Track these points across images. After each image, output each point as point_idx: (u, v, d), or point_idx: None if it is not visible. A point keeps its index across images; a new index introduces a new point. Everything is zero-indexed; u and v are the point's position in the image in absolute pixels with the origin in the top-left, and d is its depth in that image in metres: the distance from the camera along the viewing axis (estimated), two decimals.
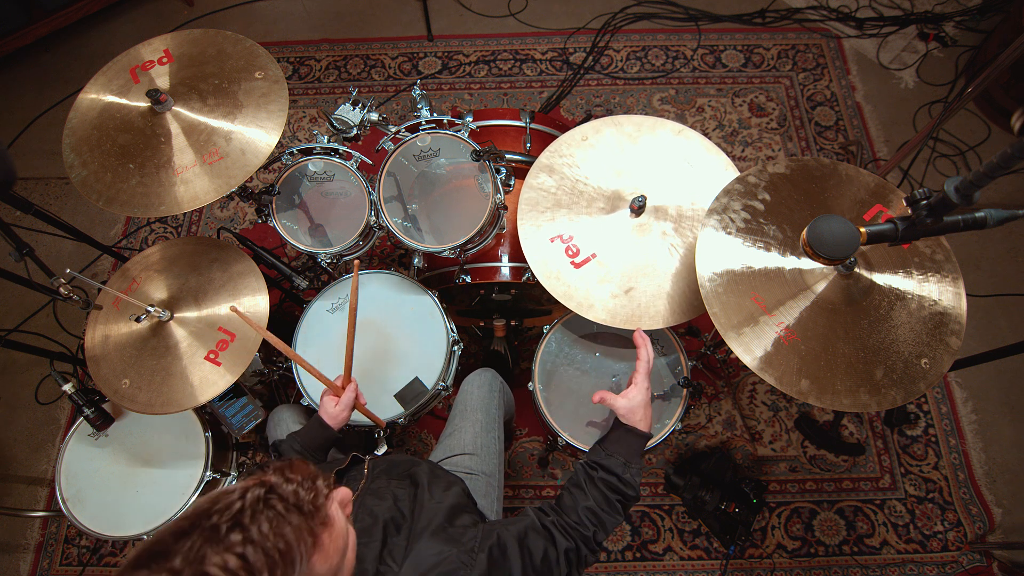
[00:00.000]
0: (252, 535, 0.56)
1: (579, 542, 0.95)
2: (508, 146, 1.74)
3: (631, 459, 1.04)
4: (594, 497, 0.99)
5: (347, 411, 1.26)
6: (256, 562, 0.55)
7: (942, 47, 2.76)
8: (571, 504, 1.00)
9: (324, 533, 0.62)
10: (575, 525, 0.97)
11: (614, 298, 1.33)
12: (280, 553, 0.57)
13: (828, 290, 1.15)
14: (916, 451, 2.08)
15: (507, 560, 0.85)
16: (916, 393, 1.11)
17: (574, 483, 1.04)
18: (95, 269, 2.48)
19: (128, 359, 1.39)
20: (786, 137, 2.60)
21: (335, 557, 0.63)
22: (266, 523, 0.57)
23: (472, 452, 1.37)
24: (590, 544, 0.97)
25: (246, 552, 0.55)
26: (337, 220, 1.65)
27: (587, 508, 0.98)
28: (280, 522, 0.58)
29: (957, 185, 0.88)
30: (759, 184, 1.25)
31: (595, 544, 0.97)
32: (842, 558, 1.95)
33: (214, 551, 0.54)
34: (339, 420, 1.25)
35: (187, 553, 0.54)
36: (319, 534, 0.61)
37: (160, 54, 1.44)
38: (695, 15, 2.88)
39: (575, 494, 1.01)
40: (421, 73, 2.80)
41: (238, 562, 0.54)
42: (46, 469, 2.16)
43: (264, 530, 0.57)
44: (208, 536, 0.55)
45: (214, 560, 0.54)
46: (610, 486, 1.01)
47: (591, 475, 1.03)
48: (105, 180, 1.33)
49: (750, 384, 2.18)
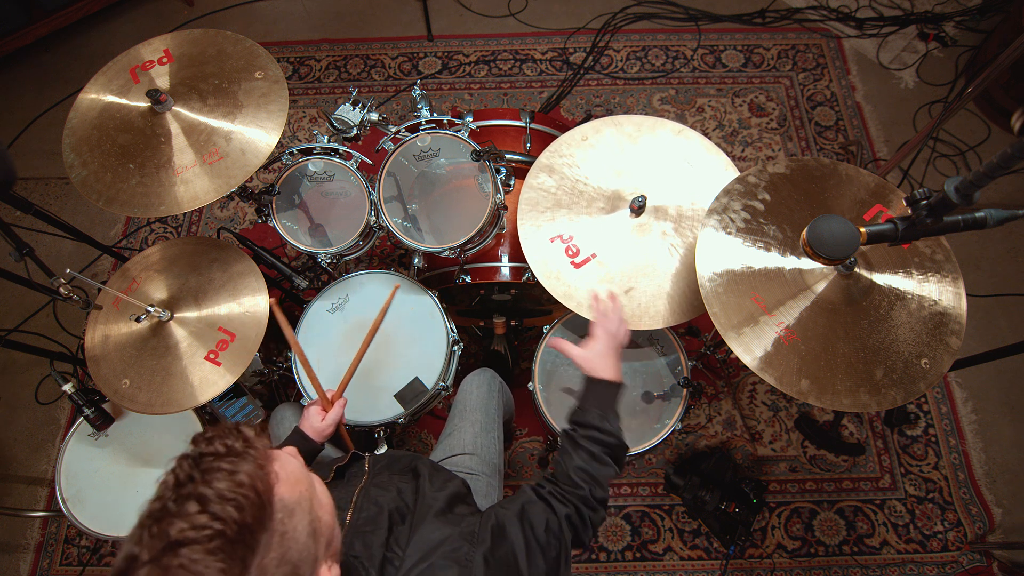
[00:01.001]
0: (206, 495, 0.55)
1: (578, 504, 0.95)
2: (508, 146, 1.74)
3: (606, 409, 1.04)
4: (581, 456, 0.99)
5: (333, 427, 1.24)
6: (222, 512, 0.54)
7: (942, 47, 2.76)
8: (562, 470, 1.00)
9: (274, 465, 0.62)
10: (571, 488, 0.97)
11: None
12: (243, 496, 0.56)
13: (828, 290, 1.15)
14: (916, 451, 2.08)
15: (508, 537, 0.85)
16: (916, 393, 1.11)
17: (561, 450, 1.04)
18: (95, 269, 2.48)
19: (128, 359, 1.39)
20: (786, 137, 2.60)
21: (300, 484, 0.64)
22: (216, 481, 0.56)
23: (472, 452, 1.37)
24: (589, 503, 0.96)
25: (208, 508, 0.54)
26: (337, 220, 1.65)
27: (577, 467, 0.98)
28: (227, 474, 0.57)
29: (957, 185, 0.88)
30: (759, 184, 1.25)
31: (595, 502, 0.97)
32: (842, 558, 1.95)
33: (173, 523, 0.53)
34: (324, 435, 1.23)
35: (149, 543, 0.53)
36: (269, 467, 0.61)
37: (160, 54, 1.44)
38: (695, 15, 2.88)
39: (563, 459, 1.01)
40: (421, 73, 2.80)
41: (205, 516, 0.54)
42: (46, 469, 2.16)
43: (217, 486, 0.56)
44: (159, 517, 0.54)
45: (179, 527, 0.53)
46: (592, 439, 1.01)
47: (572, 436, 1.03)
48: (105, 180, 1.33)
49: (750, 384, 2.18)
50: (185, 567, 0.51)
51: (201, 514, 0.54)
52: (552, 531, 0.90)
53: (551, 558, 0.87)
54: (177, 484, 0.57)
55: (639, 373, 1.63)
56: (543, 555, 0.86)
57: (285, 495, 0.61)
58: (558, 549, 0.89)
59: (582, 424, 1.03)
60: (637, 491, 2.04)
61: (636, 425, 1.57)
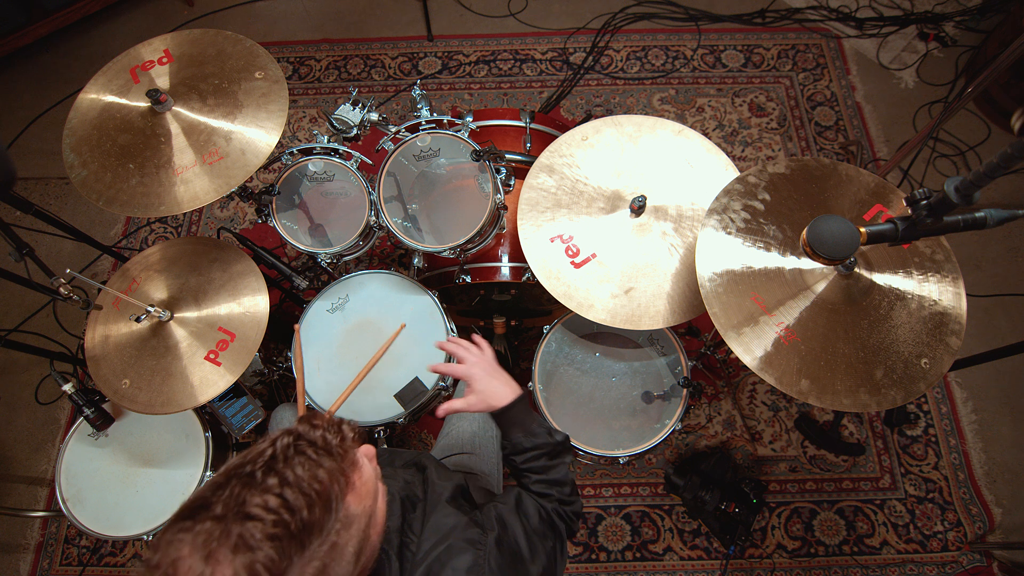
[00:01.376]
0: (288, 478, 0.58)
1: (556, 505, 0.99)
2: (508, 146, 1.74)
3: (525, 426, 1.02)
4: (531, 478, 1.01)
5: None
6: (295, 501, 0.57)
7: (942, 47, 2.76)
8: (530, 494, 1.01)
9: (355, 474, 0.65)
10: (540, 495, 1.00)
11: (614, 298, 1.33)
12: (316, 493, 0.59)
13: (828, 290, 1.15)
14: (916, 451, 2.08)
15: (510, 527, 0.89)
16: (916, 393, 1.11)
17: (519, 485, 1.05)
18: (95, 269, 2.48)
19: (128, 359, 1.39)
20: (786, 137, 2.60)
21: (367, 499, 0.66)
22: (300, 467, 0.60)
23: (471, 451, 1.37)
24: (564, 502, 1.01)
25: (284, 493, 0.57)
26: (337, 220, 1.64)
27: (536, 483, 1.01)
28: (313, 465, 0.60)
29: (957, 185, 0.88)
30: (759, 184, 1.25)
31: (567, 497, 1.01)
32: (842, 558, 1.95)
33: (253, 494, 0.57)
34: None
35: (227, 500, 0.57)
36: (350, 475, 0.64)
37: (160, 54, 1.44)
38: (695, 15, 2.88)
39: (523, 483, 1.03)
40: (421, 73, 2.80)
41: (278, 501, 0.57)
42: (46, 469, 2.16)
43: (299, 473, 0.59)
44: (245, 482, 0.58)
45: (255, 502, 0.56)
46: (531, 459, 1.02)
47: (516, 467, 1.03)
48: (105, 180, 1.33)
49: (750, 384, 2.18)
50: (243, 538, 0.54)
51: (276, 497, 0.57)
52: (545, 521, 0.93)
53: (548, 548, 0.91)
54: (272, 458, 0.60)
55: (639, 373, 1.63)
56: (541, 544, 0.90)
57: (351, 505, 0.63)
58: (553, 540, 0.93)
59: (516, 452, 1.02)
60: (637, 491, 2.04)
61: (636, 425, 1.57)
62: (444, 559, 0.80)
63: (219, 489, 0.58)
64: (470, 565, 0.79)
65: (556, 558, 0.92)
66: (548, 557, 0.90)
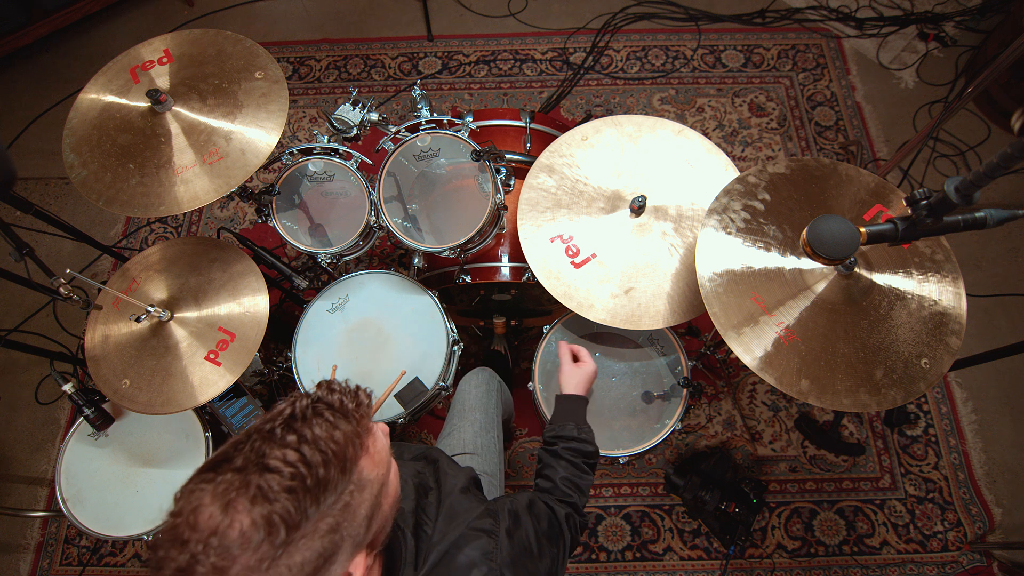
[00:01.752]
0: (306, 435, 0.60)
1: (571, 509, 1.02)
2: (508, 146, 1.74)
3: (579, 422, 1.15)
4: (564, 467, 1.08)
5: None
6: (312, 457, 0.59)
7: (942, 47, 2.76)
8: (549, 484, 1.07)
9: (369, 439, 0.66)
10: (561, 497, 1.04)
11: (614, 298, 1.33)
12: (333, 452, 0.60)
13: (828, 290, 1.15)
14: (916, 451, 2.08)
15: (522, 523, 0.91)
16: (916, 393, 1.11)
17: (544, 465, 1.12)
18: (95, 269, 2.48)
19: (128, 359, 1.39)
20: (786, 137, 2.60)
21: (380, 467, 0.67)
22: (318, 427, 0.61)
23: (472, 452, 1.37)
24: (579, 510, 1.05)
25: (302, 448, 0.59)
26: (337, 220, 1.64)
27: (563, 479, 1.06)
28: (330, 426, 0.62)
29: (957, 185, 0.88)
30: (759, 184, 1.25)
31: (582, 508, 1.06)
32: (842, 558, 1.95)
33: (273, 448, 0.59)
34: None
35: (247, 453, 0.59)
36: (365, 440, 0.66)
37: (160, 54, 1.44)
38: (695, 15, 2.88)
39: (548, 473, 1.09)
40: (421, 73, 2.80)
41: (297, 455, 0.58)
42: (46, 469, 2.16)
43: (317, 432, 0.61)
44: (265, 437, 0.60)
45: (274, 455, 0.58)
46: (572, 451, 1.10)
47: (554, 450, 1.11)
48: (105, 180, 1.33)
49: (750, 384, 2.18)
50: (262, 489, 0.56)
51: (295, 451, 0.59)
52: (554, 526, 0.96)
53: (553, 553, 0.92)
54: (291, 416, 0.62)
55: (639, 373, 1.63)
56: (548, 547, 0.92)
57: (365, 469, 0.64)
58: (559, 545, 0.95)
59: (561, 437, 1.12)
60: (637, 491, 2.04)
61: (636, 425, 1.57)
62: (460, 543, 0.82)
63: (240, 445, 0.60)
64: (485, 551, 0.82)
65: (558, 565, 0.94)
66: (552, 561, 0.92)
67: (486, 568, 0.80)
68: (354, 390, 0.68)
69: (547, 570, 0.90)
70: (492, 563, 0.81)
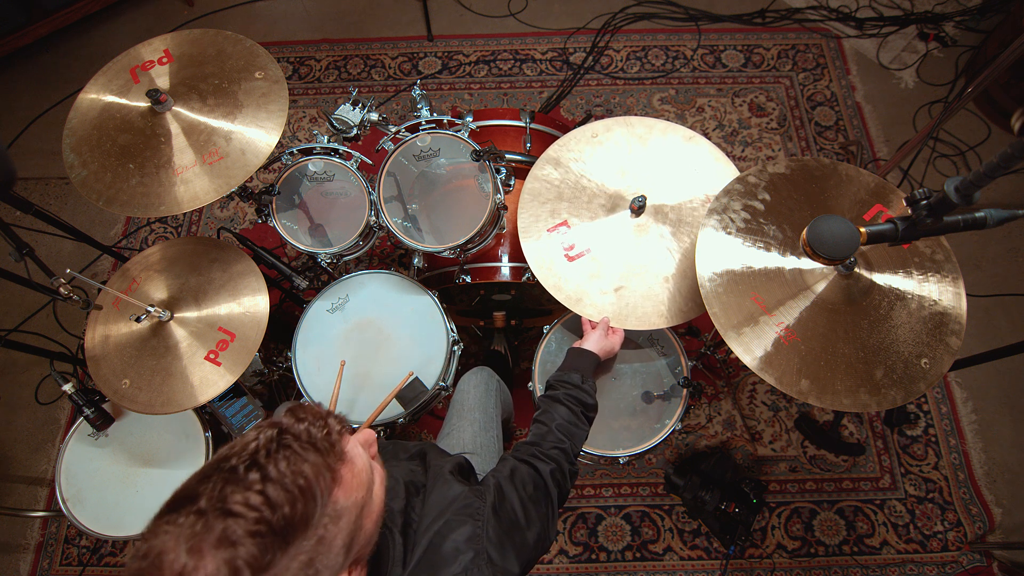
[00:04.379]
0: (270, 474, 0.58)
1: (560, 459, 1.04)
2: (508, 146, 1.74)
3: (585, 373, 1.19)
4: (562, 414, 1.10)
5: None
6: (277, 498, 0.57)
7: (942, 47, 2.76)
8: (543, 430, 1.09)
9: (343, 468, 0.64)
10: (553, 445, 1.06)
11: (603, 295, 1.33)
12: (300, 489, 0.58)
13: (828, 290, 1.15)
14: (916, 451, 2.08)
15: (506, 495, 0.92)
16: (916, 393, 1.11)
17: (541, 411, 1.13)
18: (95, 269, 2.48)
19: (128, 359, 1.39)
20: (786, 137, 2.60)
21: (358, 491, 0.65)
22: (283, 461, 0.59)
23: (472, 451, 1.37)
24: (569, 456, 1.06)
25: (266, 489, 0.57)
26: (337, 220, 1.64)
27: (560, 425, 1.09)
28: (297, 459, 0.60)
29: (957, 185, 0.88)
30: (759, 184, 1.25)
31: (573, 456, 1.07)
32: (842, 558, 1.95)
33: (235, 491, 0.56)
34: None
35: (210, 494, 0.56)
36: (337, 469, 0.63)
37: (160, 54, 1.44)
38: (695, 15, 2.88)
39: (544, 419, 1.11)
40: (421, 73, 2.80)
41: (259, 498, 0.56)
42: (46, 469, 2.16)
43: (282, 468, 0.58)
44: (228, 477, 0.58)
45: (236, 499, 0.56)
46: (572, 398, 1.13)
47: (555, 395, 1.15)
48: (105, 180, 1.33)
49: (750, 384, 2.18)
50: (226, 533, 0.54)
51: (257, 494, 0.56)
52: (539, 488, 0.97)
53: (541, 513, 0.94)
54: (256, 451, 0.60)
55: (639, 373, 1.63)
56: (535, 510, 0.93)
57: (340, 499, 0.62)
58: (547, 505, 0.97)
59: (564, 383, 1.15)
60: (637, 491, 2.04)
61: (636, 425, 1.57)
62: (445, 532, 0.82)
63: (204, 481, 0.58)
64: (469, 535, 0.82)
65: (548, 523, 0.95)
66: (541, 522, 0.93)
67: (472, 553, 0.80)
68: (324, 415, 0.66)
69: (536, 535, 0.91)
70: (478, 545, 0.81)
